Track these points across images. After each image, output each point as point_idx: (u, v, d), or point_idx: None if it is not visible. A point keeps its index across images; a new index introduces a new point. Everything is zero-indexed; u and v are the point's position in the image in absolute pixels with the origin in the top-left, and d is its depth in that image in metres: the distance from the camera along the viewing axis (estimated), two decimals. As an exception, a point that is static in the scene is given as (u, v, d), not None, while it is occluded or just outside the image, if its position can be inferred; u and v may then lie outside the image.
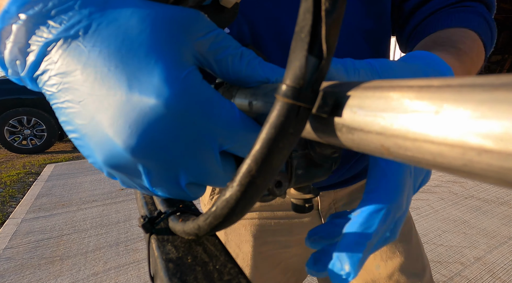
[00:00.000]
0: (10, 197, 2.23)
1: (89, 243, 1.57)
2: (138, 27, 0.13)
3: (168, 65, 0.13)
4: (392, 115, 0.09)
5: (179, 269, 0.10)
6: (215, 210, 0.11)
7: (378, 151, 0.10)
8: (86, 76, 0.12)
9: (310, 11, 0.09)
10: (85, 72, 0.12)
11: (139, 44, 0.13)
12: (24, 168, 2.95)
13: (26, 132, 3.41)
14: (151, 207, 0.16)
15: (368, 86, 0.10)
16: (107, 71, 0.12)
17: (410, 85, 0.08)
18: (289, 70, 0.10)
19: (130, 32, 0.13)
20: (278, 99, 0.10)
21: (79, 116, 0.13)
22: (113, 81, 0.12)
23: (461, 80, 0.07)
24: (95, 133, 0.13)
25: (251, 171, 0.10)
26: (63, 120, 0.14)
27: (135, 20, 0.13)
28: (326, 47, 0.10)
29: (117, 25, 0.13)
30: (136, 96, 0.12)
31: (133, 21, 0.13)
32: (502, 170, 0.06)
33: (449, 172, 0.08)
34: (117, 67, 0.12)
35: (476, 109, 0.07)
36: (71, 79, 0.13)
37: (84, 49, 0.13)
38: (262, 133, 0.10)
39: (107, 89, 0.12)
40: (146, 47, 0.13)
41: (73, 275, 1.31)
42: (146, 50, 0.13)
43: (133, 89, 0.12)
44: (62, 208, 2.01)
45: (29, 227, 1.76)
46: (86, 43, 0.13)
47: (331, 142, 0.11)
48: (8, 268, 1.36)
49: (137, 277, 1.30)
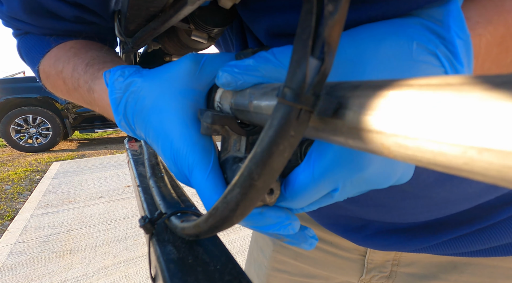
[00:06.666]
0: (18, 193, 2.28)
1: (98, 238, 1.61)
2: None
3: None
4: (392, 114, 0.08)
5: (180, 270, 0.10)
6: (215, 212, 0.11)
7: (379, 150, 0.10)
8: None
9: (312, 12, 0.09)
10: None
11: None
12: (30, 166, 3.00)
13: (31, 131, 3.46)
14: (151, 207, 0.16)
15: (368, 85, 0.09)
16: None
17: (410, 84, 0.08)
18: (290, 72, 0.10)
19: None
20: (279, 102, 0.10)
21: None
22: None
23: (462, 79, 0.07)
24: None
25: (251, 173, 0.10)
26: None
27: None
28: (328, 49, 0.09)
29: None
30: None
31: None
32: (503, 168, 0.06)
33: (449, 170, 0.08)
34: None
35: (476, 108, 0.06)
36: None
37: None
38: (262, 136, 0.10)
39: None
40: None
41: (83, 268, 1.35)
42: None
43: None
44: (69, 204, 2.05)
45: (38, 222, 1.80)
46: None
47: (331, 141, 0.11)
48: (19, 261, 1.40)
49: (146, 270, 1.34)
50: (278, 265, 0.41)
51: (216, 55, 0.20)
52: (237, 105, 0.16)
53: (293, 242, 0.17)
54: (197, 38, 0.28)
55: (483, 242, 0.28)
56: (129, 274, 1.31)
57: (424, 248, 0.30)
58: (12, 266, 1.37)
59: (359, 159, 0.14)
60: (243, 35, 0.28)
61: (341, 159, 0.14)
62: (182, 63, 0.20)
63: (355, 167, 0.14)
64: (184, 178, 0.18)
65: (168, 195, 0.20)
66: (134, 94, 0.21)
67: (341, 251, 0.38)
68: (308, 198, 0.15)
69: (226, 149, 0.18)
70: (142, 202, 0.17)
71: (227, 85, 0.16)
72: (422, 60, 0.14)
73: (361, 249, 0.37)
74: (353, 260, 0.37)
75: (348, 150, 0.13)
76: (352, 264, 0.38)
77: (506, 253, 0.29)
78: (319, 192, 0.15)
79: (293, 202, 0.15)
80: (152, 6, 0.24)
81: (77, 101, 0.31)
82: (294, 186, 0.15)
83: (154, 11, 0.25)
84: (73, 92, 0.29)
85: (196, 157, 0.17)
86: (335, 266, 0.38)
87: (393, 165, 0.15)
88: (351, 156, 0.14)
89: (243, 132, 0.17)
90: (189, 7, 0.20)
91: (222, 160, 0.18)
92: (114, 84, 0.22)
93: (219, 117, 0.16)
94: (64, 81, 0.30)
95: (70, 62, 0.29)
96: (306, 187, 0.15)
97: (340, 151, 0.14)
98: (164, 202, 0.15)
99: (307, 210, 0.17)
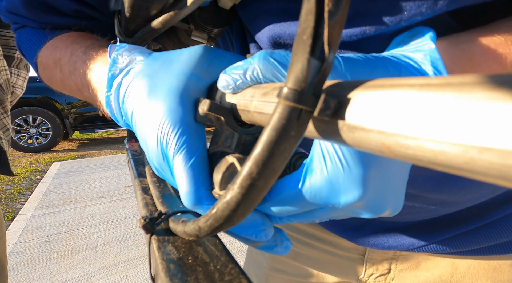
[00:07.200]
0: (18, 194, 2.28)
1: (98, 238, 1.61)
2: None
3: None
4: (393, 113, 0.08)
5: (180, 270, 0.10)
6: (215, 212, 0.11)
7: (379, 149, 0.10)
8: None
9: (313, 12, 0.09)
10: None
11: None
12: (30, 166, 3.00)
13: (31, 131, 3.46)
14: (151, 207, 0.16)
15: (369, 85, 0.09)
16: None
17: (411, 84, 0.08)
18: (290, 72, 0.10)
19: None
20: (279, 102, 0.10)
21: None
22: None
23: (462, 79, 0.07)
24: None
25: (252, 174, 0.10)
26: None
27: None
28: (328, 50, 0.09)
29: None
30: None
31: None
32: (503, 167, 0.06)
33: (450, 170, 0.08)
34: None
35: (477, 107, 0.06)
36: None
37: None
38: (263, 136, 0.10)
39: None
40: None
41: (84, 268, 1.35)
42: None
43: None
44: (70, 204, 2.05)
45: (38, 222, 1.80)
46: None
47: (331, 141, 0.11)
48: (20, 261, 1.41)
49: (146, 270, 1.34)
50: (277, 265, 0.41)
51: (228, 54, 0.20)
52: (237, 105, 0.16)
53: (266, 247, 0.17)
54: (197, 38, 0.28)
55: (480, 241, 0.29)
56: (129, 274, 1.31)
57: (421, 247, 0.31)
58: (13, 267, 1.37)
59: (354, 185, 0.13)
60: (243, 35, 0.28)
61: (334, 182, 0.13)
62: (195, 50, 0.19)
63: (349, 193, 0.13)
64: (162, 161, 0.17)
65: (168, 195, 0.20)
66: (136, 69, 0.19)
67: (340, 250, 0.38)
68: (291, 209, 0.15)
69: (216, 142, 0.18)
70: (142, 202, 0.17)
71: (227, 87, 0.16)
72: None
73: (360, 249, 0.37)
74: (352, 259, 0.38)
75: (345, 173, 0.13)
76: (351, 264, 0.38)
77: (503, 251, 0.29)
78: (304, 207, 0.15)
79: (274, 210, 0.15)
80: (152, 6, 0.24)
81: (70, 89, 0.29)
82: (280, 194, 0.15)
83: (154, 11, 0.25)
84: (67, 79, 0.28)
85: (187, 138, 0.16)
86: (335, 265, 0.38)
87: (386, 194, 0.14)
88: (347, 181, 0.13)
89: (237, 129, 0.17)
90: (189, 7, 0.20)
91: (210, 153, 0.17)
92: (117, 57, 0.20)
93: (216, 106, 0.16)
94: (60, 69, 0.28)
95: (68, 48, 0.28)
96: (292, 199, 0.14)
97: (335, 172, 0.13)
98: (164, 202, 0.15)
99: (286, 222, 0.16)
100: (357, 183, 0.13)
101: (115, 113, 0.21)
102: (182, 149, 0.16)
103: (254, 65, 0.15)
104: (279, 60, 0.15)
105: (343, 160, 0.13)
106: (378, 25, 0.19)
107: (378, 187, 0.14)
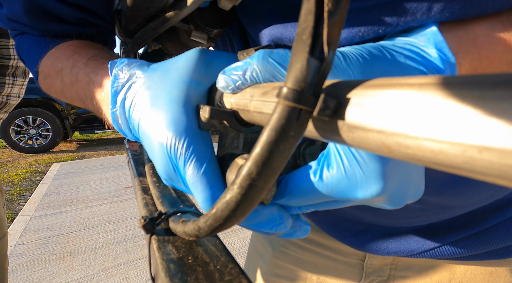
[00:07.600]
0: (18, 195, 2.27)
1: (98, 240, 1.60)
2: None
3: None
4: (393, 113, 0.08)
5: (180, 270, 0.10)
6: (215, 212, 0.11)
7: (379, 149, 0.10)
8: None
9: (312, 12, 0.09)
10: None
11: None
12: (30, 167, 3.00)
13: (31, 132, 3.46)
14: (151, 207, 0.16)
15: (368, 85, 0.09)
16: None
17: (410, 83, 0.08)
18: (290, 72, 0.10)
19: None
20: (279, 102, 0.10)
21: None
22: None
23: (462, 78, 0.07)
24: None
25: (251, 174, 0.10)
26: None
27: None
28: (328, 49, 0.09)
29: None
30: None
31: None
32: (503, 167, 0.06)
33: (450, 169, 0.08)
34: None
35: (477, 107, 0.06)
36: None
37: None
38: (262, 136, 0.10)
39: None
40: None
41: (83, 270, 1.35)
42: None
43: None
44: (69, 205, 2.05)
45: (38, 224, 1.80)
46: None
47: (331, 140, 0.11)
48: (20, 263, 1.40)
49: (146, 272, 1.33)
50: (277, 271, 0.41)
51: (224, 54, 0.20)
52: (237, 105, 0.16)
53: (287, 234, 0.17)
54: (197, 38, 0.28)
55: (478, 247, 0.29)
56: (129, 276, 1.30)
57: (421, 253, 0.31)
58: (12, 268, 1.37)
59: (372, 180, 0.13)
60: (243, 37, 0.28)
61: (351, 178, 0.13)
62: (190, 55, 0.19)
63: (368, 188, 0.13)
64: (173, 172, 0.17)
65: (168, 195, 0.20)
66: (137, 83, 0.20)
67: (340, 256, 0.38)
68: (309, 200, 0.15)
69: (223, 145, 0.18)
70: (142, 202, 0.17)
71: (226, 88, 0.16)
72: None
73: (360, 254, 0.37)
74: (352, 264, 0.38)
75: (362, 168, 0.13)
76: (351, 269, 0.38)
77: (500, 256, 0.30)
78: (322, 198, 0.15)
79: (292, 201, 0.15)
80: (152, 6, 0.24)
81: (71, 98, 0.29)
82: (297, 189, 0.15)
83: (154, 11, 0.25)
84: (69, 89, 0.28)
85: (195, 147, 0.16)
86: (334, 271, 0.39)
87: (406, 185, 0.14)
88: (364, 177, 0.13)
89: (241, 129, 0.17)
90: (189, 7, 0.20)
91: (219, 156, 0.18)
92: (118, 73, 0.21)
93: (218, 111, 0.16)
94: (61, 79, 0.29)
95: (70, 59, 0.28)
96: (309, 193, 0.14)
97: (352, 168, 0.13)
98: (164, 202, 0.15)
99: (304, 211, 0.16)
100: (375, 178, 0.13)
101: (122, 129, 0.21)
102: (192, 158, 0.16)
103: (253, 66, 0.15)
104: (278, 60, 0.15)
105: (357, 155, 0.13)
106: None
107: (398, 179, 0.14)
